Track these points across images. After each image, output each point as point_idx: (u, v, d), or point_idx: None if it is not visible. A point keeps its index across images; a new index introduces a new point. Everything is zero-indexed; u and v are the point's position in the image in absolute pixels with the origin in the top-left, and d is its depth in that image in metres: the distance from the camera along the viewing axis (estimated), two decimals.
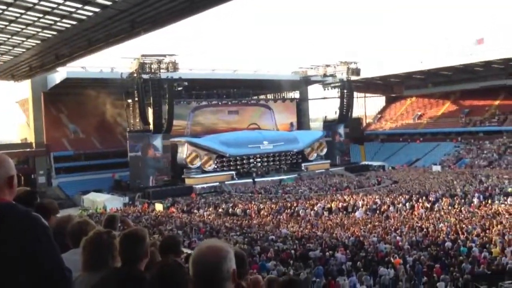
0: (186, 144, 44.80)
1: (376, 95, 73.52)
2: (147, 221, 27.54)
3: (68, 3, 14.93)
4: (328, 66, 54.40)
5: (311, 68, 56.22)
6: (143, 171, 43.24)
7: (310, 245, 19.30)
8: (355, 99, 60.81)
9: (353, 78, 54.88)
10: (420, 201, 29.35)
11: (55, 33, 18.12)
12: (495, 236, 18.16)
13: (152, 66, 41.39)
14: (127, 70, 42.82)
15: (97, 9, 15.47)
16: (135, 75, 42.01)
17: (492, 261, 15.10)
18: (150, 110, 43.01)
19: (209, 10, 15.87)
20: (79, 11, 15.69)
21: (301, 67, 58.28)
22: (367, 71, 57.35)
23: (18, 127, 55.95)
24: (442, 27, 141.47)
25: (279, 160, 49.64)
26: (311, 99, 64.17)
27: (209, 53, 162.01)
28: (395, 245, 18.37)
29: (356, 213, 28.05)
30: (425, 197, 30.38)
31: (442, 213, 25.96)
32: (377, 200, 30.85)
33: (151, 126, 43.43)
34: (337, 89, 56.29)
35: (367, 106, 73.99)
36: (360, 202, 30.63)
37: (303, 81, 58.00)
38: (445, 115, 62.76)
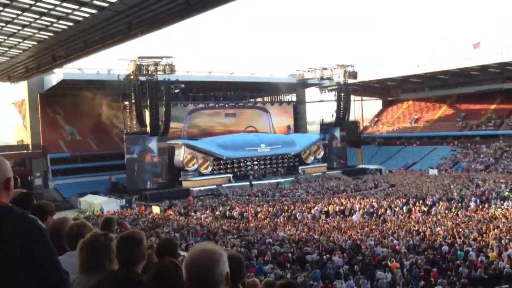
0: (183, 147, 44.75)
1: (373, 98, 73.71)
2: (144, 223, 27.44)
3: (64, 4, 14.89)
4: (325, 69, 54.52)
5: (308, 71, 56.30)
6: (140, 176, 43.16)
7: (307, 248, 19.26)
8: (352, 102, 60.87)
9: (350, 81, 54.97)
10: (417, 204, 29.37)
11: (51, 34, 18.08)
12: (492, 240, 18.16)
13: (149, 68, 41.39)
14: (124, 72, 42.80)
15: (93, 11, 15.44)
16: (132, 77, 41.98)
17: (489, 265, 15.11)
18: (147, 112, 42.95)
19: (206, 12, 15.87)
20: (75, 13, 15.66)
21: (298, 70, 58.36)
22: (364, 74, 57.52)
23: (15, 129, 55.80)
24: (439, 30, 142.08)
25: (276, 163, 49.63)
26: (308, 102, 64.39)
27: (206, 55, 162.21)
28: (392, 249, 18.35)
29: (353, 217, 28.06)
30: (422, 201, 30.40)
31: (439, 217, 26.00)
32: (374, 203, 30.86)
33: (148, 128, 43.38)
34: (334, 92, 56.40)
35: (364, 109, 74.30)
36: (357, 206, 30.63)
37: (300, 84, 58.05)
38: (442, 119, 62.97)
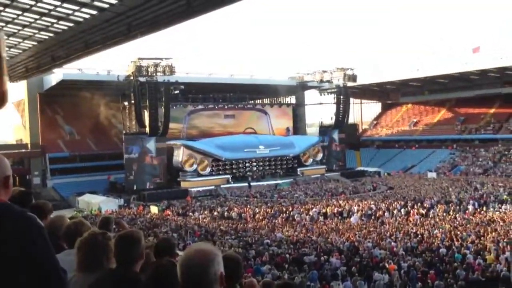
0: (182, 147, 44.75)
1: (372, 101, 73.79)
2: (142, 223, 27.44)
3: (65, 5, 14.94)
4: (324, 72, 54.57)
5: (308, 74, 56.36)
6: (139, 176, 43.15)
7: (305, 249, 19.28)
8: (351, 105, 60.91)
9: (350, 84, 55.07)
10: (415, 207, 29.38)
11: (51, 34, 18.13)
12: (489, 243, 18.20)
13: (149, 69, 41.42)
14: (123, 73, 42.83)
15: (94, 12, 15.49)
16: (131, 78, 42.01)
17: (486, 268, 15.13)
18: (146, 113, 42.97)
19: (206, 14, 15.91)
20: (76, 13, 15.70)
21: (298, 73, 58.42)
22: (363, 77, 57.57)
23: (14, 128, 55.78)
24: (439, 31, 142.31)
25: (275, 164, 49.64)
26: (307, 105, 64.33)
27: (206, 56, 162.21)
28: (390, 251, 18.38)
29: (351, 219, 28.06)
30: (420, 204, 30.42)
31: (437, 219, 26.01)
32: (372, 205, 30.86)
33: (147, 129, 43.39)
34: (333, 95, 56.43)
35: (363, 112, 74.36)
36: (355, 208, 30.63)
37: (299, 86, 58.09)
38: (441, 122, 63.02)
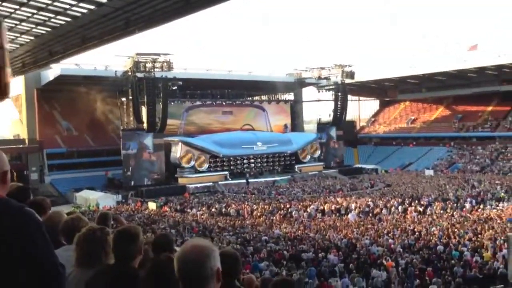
0: (179, 144, 44.72)
1: (370, 98, 73.85)
2: (140, 219, 27.42)
3: None
4: (323, 68, 54.55)
5: (306, 71, 56.29)
6: (136, 172, 43.11)
7: (303, 246, 19.32)
8: (349, 102, 60.96)
9: (348, 81, 55.01)
10: (413, 204, 29.46)
11: (49, 29, 18.07)
12: (486, 240, 18.27)
13: (147, 65, 41.33)
14: (121, 68, 42.71)
15: (92, 7, 15.43)
16: (129, 73, 41.90)
17: (483, 265, 15.19)
18: (144, 109, 42.90)
19: (204, 9, 15.88)
20: (73, 8, 15.65)
21: (296, 69, 58.34)
22: (361, 74, 57.52)
23: (11, 123, 55.62)
24: (435, 29, 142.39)
25: (272, 161, 49.65)
26: (305, 101, 64.37)
27: (205, 51, 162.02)
28: (387, 248, 18.43)
29: (349, 216, 28.12)
30: (417, 201, 30.51)
31: (435, 217, 26.10)
32: (370, 203, 30.94)
33: (144, 125, 43.33)
34: (331, 92, 56.45)
35: (361, 109, 74.46)
36: (353, 205, 30.70)
37: (297, 83, 58.05)
38: (438, 120, 63.15)
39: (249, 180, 44.99)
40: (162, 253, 3.14)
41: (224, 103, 53.95)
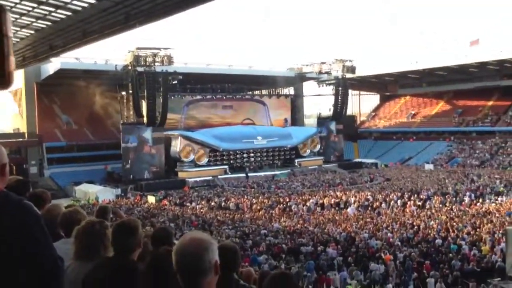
0: (179, 138, 44.71)
1: (370, 93, 73.72)
2: (139, 213, 27.49)
3: None
4: (323, 63, 54.43)
5: (307, 65, 56.16)
6: (136, 165, 43.13)
7: (302, 240, 19.40)
8: (349, 97, 60.91)
9: (348, 75, 54.90)
10: (412, 198, 29.52)
11: (49, 23, 18.03)
12: (485, 234, 18.33)
13: (147, 59, 41.24)
14: (121, 63, 42.62)
15: (92, 1, 15.41)
16: (129, 67, 41.81)
17: (481, 259, 15.26)
18: (144, 103, 42.86)
19: (205, 4, 15.84)
20: (74, 2, 15.61)
21: (296, 64, 58.24)
22: (362, 69, 57.43)
23: (11, 117, 55.62)
24: (435, 27, 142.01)
25: (272, 155, 49.65)
26: (305, 96, 64.26)
27: (206, 45, 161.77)
28: (386, 242, 18.50)
29: (348, 209, 28.19)
30: (417, 195, 30.57)
31: (434, 211, 26.14)
32: (369, 197, 31.00)
33: (145, 119, 43.30)
34: (332, 86, 56.37)
35: (362, 104, 74.27)
36: (352, 199, 30.76)
37: (298, 78, 57.91)
38: (439, 114, 63.05)
39: (248, 174, 45.02)
40: (161, 246, 3.18)
41: (224, 98, 53.86)
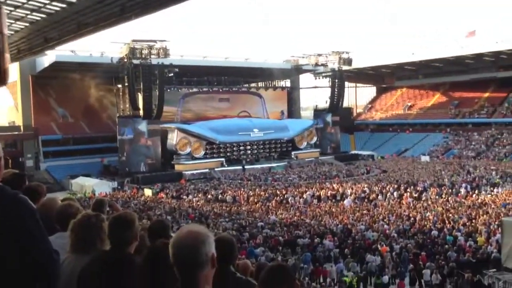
0: (176, 131, 44.63)
1: (367, 85, 73.65)
2: (136, 206, 27.49)
3: None
4: (320, 55, 54.33)
5: (303, 57, 56.06)
6: (132, 157, 43.05)
7: (299, 232, 19.46)
8: (346, 89, 60.81)
9: (345, 68, 54.85)
10: (408, 190, 29.62)
11: (44, 16, 17.90)
12: (480, 225, 18.44)
13: (143, 52, 41.04)
14: (117, 55, 42.40)
15: None
16: (125, 60, 41.61)
17: (477, 250, 15.35)
18: (140, 96, 42.71)
19: None
20: None
21: (293, 56, 58.13)
22: (358, 61, 57.37)
23: (6, 110, 55.28)
24: (434, 18, 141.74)
25: (269, 148, 49.66)
26: (302, 88, 64.16)
27: (201, 36, 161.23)
28: (382, 233, 18.59)
29: (344, 201, 28.28)
30: (413, 187, 30.68)
31: (430, 202, 26.27)
32: (365, 189, 31.09)
33: (141, 112, 43.17)
34: (328, 79, 56.30)
35: (358, 96, 74.22)
36: (348, 191, 30.85)
37: (294, 70, 57.83)
38: (435, 106, 63.13)
39: (245, 167, 45.04)
40: (158, 239, 3.17)
41: (220, 90, 53.74)
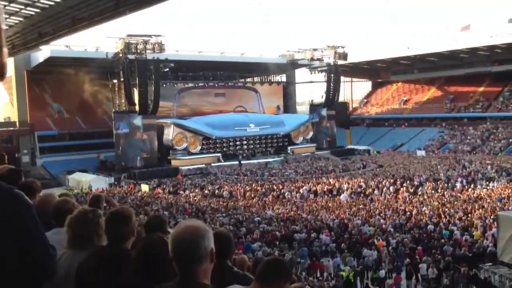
0: (172, 126, 44.56)
1: (362, 80, 73.74)
2: (132, 201, 27.45)
3: None
4: (315, 50, 54.34)
5: (299, 52, 56.02)
6: (128, 152, 42.94)
7: (295, 227, 19.50)
8: (341, 84, 60.87)
9: (340, 62, 54.90)
10: (404, 185, 29.72)
11: (38, 10, 17.79)
12: (476, 220, 18.52)
13: (138, 47, 40.85)
14: (112, 50, 42.21)
15: None
16: (120, 55, 41.43)
17: (473, 244, 15.42)
18: (136, 91, 42.55)
19: None
20: None
21: (288, 51, 58.02)
22: (354, 55, 57.36)
23: (2, 106, 55.00)
24: (434, 18, 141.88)
25: (265, 143, 49.70)
26: (298, 83, 64.26)
27: (196, 31, 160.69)
28: (379, 228, 18.65)
29: (341, 196, 28.33)
30: (409, 181, 30.78)
31: (426, 197, 26.36)
32: (362, 183, 31.18)
33: (136, 107, 43.03)
34: (324, 73, 56.37)
35: (354, 90, 74.30)
36: (345, 186, 30.92)
37: (290, 65, 57.78)
38: (430, 100, 63.29)
39: (241, 162, 45.05)
40: (155, 233, 3.16)
41: (216, 85, 53.67)
